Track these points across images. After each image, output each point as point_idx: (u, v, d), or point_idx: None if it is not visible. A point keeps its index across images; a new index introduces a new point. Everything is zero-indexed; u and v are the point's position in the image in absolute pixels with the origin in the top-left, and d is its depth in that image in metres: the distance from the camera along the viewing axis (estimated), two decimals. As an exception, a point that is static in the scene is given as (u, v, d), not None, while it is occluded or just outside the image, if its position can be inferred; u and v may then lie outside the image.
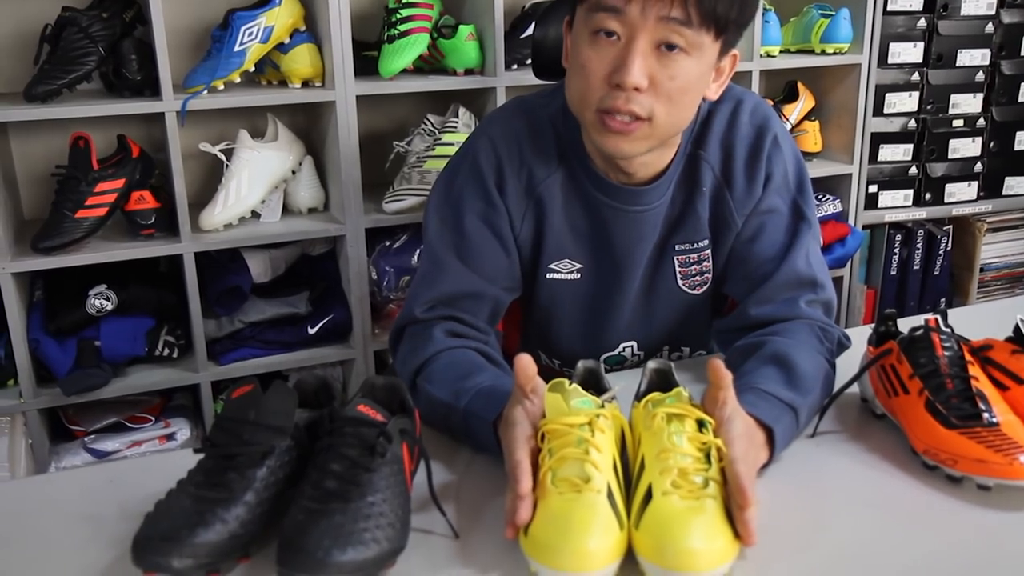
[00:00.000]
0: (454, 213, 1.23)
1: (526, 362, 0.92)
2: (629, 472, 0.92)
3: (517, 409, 0.94)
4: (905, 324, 1.14)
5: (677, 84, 1.07)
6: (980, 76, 2.74)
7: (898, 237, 2.84)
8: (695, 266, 1.29)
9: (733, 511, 0.84)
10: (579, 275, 1.29)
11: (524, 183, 1.23)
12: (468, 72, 2.27)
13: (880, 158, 2.74)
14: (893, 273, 2.87)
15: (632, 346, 1.37)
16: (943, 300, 2.93)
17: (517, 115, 1.26)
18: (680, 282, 1.30)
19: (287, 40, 2.12)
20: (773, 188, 1.24)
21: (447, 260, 1.22)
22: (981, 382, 1.02)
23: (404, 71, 2.19)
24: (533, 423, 0.93)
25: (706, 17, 1.04)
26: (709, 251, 1.28)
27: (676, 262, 1.29)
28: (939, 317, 1.10)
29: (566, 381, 0.95)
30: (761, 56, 2.51)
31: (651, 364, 1.03)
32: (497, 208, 1.23)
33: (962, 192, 2.83)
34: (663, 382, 1.02)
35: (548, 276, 1.29)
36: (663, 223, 1.25)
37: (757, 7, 1.10)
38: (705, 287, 1.31)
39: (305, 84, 2.18)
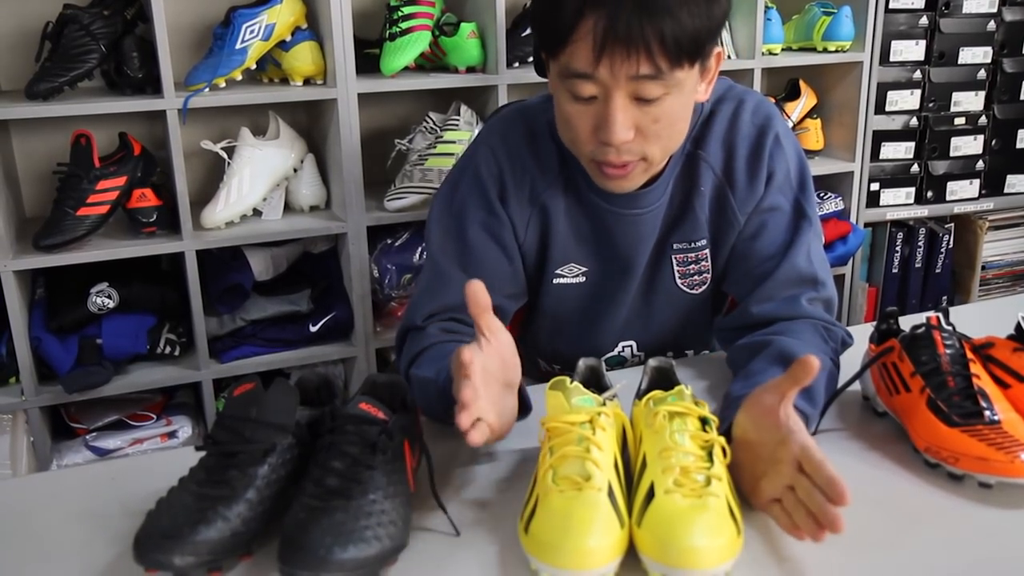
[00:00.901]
0: (456, 224, 1.23)
1: (476, 288, 0.92)
2: (630, 470, 0.92)
3: (471, 344, 0.92)
4: (907, 322, 1.14)
5: (664, 124, 1.07)
6: (982, 74, 2.73)
7: (900, 235, 2.84)
8: (693, 266, 1.29)
9: (819, 506, 0.81)
10: (584, 278, 1.29)
11: (527, 192, 1.23)
12: (470, 70, 2.27)
13: (882, 156, 2.73)
14: (895, 271, 2.87)
15: (631, 346, 1.36)
16: (944, 298, 2.93)
17: (517, 123, 1.26)
18: (679, 282, 1.30)
19: (289, 38, 2.12)
20: (775, 186, 1.23)
21: (450, 271, 1.22)
22: (982, 380, 1.02)
23: (406, 69, 2.19)
24: (489, 356, 0.92)
25: (676, 60, 1.01)
26: (708, 251, 1.28)
27: (674, 261, 1.29)
28: (940, 315, 1.10)
29: (567, 379, 0.95)
30: (763, 54, 2.51)
31: (652, 362, 1.03)
32: (500, 218, 1.23)
33: (964, 190, 2.83)
34: (664, 380, 1.02)
35: (555, 281, 1.29)
36: (661, 222, 1.25)
37: (727, 9, 1.06)
38: (704, 287, 1.31)
39: (307, 82, 2.18)
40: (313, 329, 2.25)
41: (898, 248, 2.85)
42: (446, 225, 1.24)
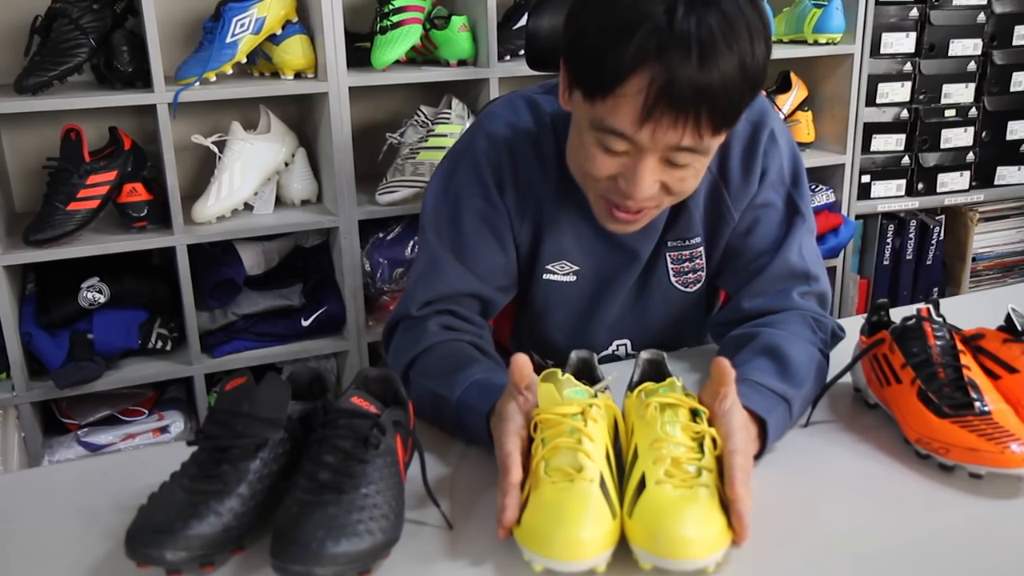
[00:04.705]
0: (452, 211, 1.21)
1: (522, 361, 0.92)
2: (622, 461, 0.92)
3: (511, 404, 0.94)
4: (898, 314, 1.14)
5: (687, 181, 1.07)
6: (972, 66, 2.74)
7: (891, 227, 2.84)
8: (687, 263, 1.29)
9: (727, 502, 0.84)
10: (575, 277, 1.28)
11: (525, 185, 1.21)
12: (461, 63, 2.26)
13: (873, 148, 2.74)
14: (886, 263, 2.88)
15: (626, 344, 1.36)
16: (935, 290, 2.94)
17: (520, 112, 1.23)
18: (673, 279, 1.30)
19: (279, 31, 2.11)
20: (768, 182, 1.23)
21: (444, 259, 1.20)
22: (973, 371, 1.02)
23: (397, 62, 2.19)
24: (526, 419, 0.93)
25: (718, 130, 1.00)
26: (702, 248, 1.28)
27: (669, 259, 1.28)
28: (931, 307, 1.10)
29: (559, 371, 0.95)
30: (754, 46, 2.51)
31: (644, 354, 1.03)
32: (497, 207, 1.21)
33: (954, 182, 2.84)
34: (656, 372, 1.02)
35: (544, 277, 1.28)
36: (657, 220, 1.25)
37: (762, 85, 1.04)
38: (698, 285, 1.31)
39: (297, 75, 2.17)
40: (305, 323, 2.25)
41: (889, 240, 2.85)
42: (441, 212, 1.22)
